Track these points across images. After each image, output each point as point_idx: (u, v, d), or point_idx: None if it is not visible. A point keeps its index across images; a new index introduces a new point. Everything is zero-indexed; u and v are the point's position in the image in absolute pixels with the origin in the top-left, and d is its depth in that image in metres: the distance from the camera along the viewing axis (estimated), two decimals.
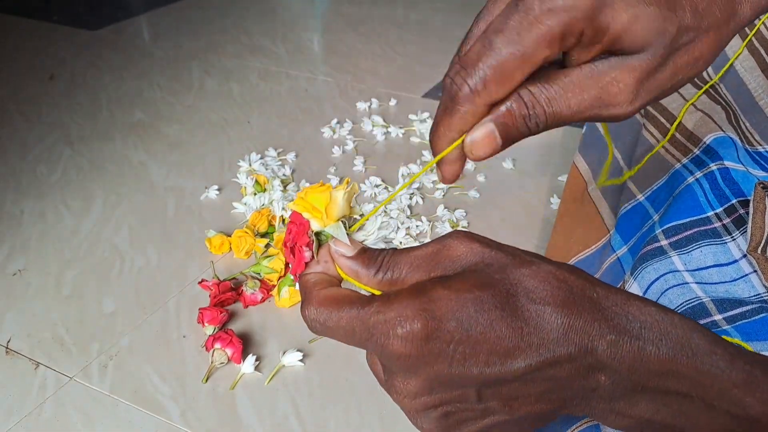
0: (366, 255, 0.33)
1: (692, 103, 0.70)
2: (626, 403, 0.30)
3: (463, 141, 0.32)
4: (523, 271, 0.30)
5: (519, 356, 0.28)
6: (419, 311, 0.29)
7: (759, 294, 0.50)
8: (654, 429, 0.31)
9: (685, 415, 0.30)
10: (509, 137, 0.32)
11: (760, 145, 0.65)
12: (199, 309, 0.79)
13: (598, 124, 0.71)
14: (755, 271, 0.51)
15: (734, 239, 0.54)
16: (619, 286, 0.60)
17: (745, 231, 0.53)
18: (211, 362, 0.74)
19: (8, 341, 0.79)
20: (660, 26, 0.30)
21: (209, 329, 0.78)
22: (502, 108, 0.31)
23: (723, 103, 0.68)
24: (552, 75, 0.31)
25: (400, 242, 0.92)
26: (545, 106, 0.31)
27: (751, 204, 0.51)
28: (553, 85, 0.31)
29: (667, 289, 0.53)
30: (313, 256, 0.36)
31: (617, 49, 0.31)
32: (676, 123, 0.71)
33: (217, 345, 0.74)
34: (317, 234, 0.36)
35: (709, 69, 0.71)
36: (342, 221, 0.37)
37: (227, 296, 0.82)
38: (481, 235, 0.32)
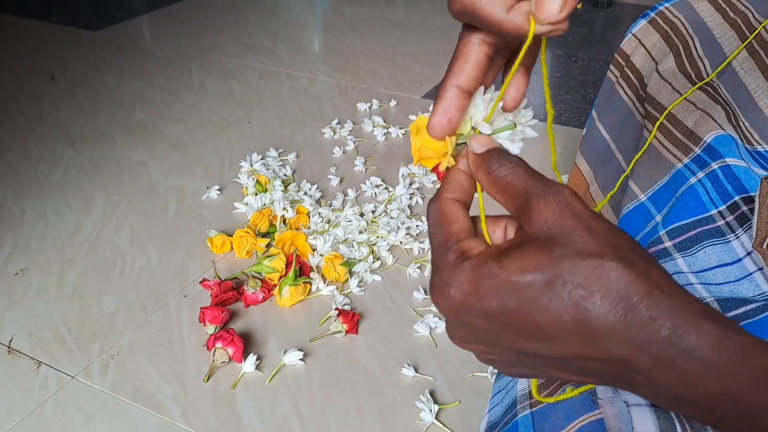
0: (493, 152, 0.35)
1: (687, 99, 0.70)
2: (666, 400, 0.30)
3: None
4: (587, 265, 0.29)
5: (555, 344, 0.30)
6: (466, 282, 0.31)
7: (764, 292, 0.50)
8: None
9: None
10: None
11: (760, 144, 0.65)
12: (201, 308, 0.80)
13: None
14: (760, 268, 0.51)
15: (738, 237, 0.54)
16: None
17: (749, 228, 0.53)
18: (213, 361, 0.74)
19: (10, 341, 0.79)
20: None
21: (210, 329, 0.78)
22: None
23: (723, 102, 0.68)
24: None
25: (401, 242, 0.92)
26: None
27: (756, 199, 0.51)
28: None
29: None
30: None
31: None
32: (665, 113, 0.71)
33: (219, 344, 0.74)
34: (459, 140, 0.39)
35: (707, 66, 0.71)
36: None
37: (228, 296, 0.82)
38: (581, 203, 0.32)
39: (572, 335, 0.29)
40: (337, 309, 0.81)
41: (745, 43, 0.65)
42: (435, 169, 0.39)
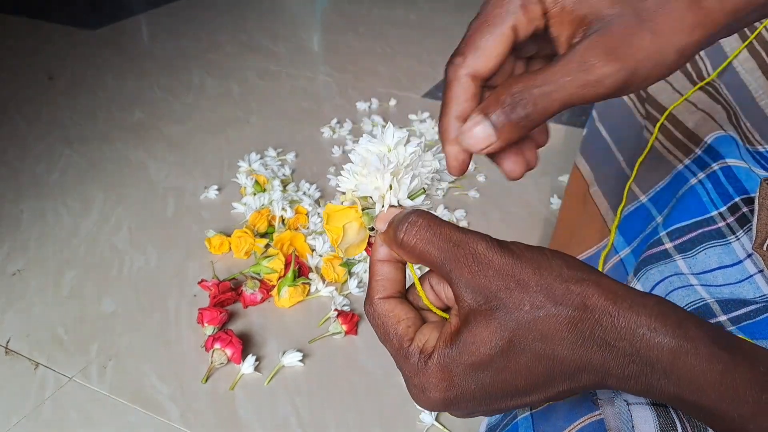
0: (397, 223, 0.35)
1: (687, 99, 0.70)
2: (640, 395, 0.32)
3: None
4: (531, 319, 0.31)
5: (537, 393, 0.32)
6: (439, 381, 0.33)
7: (764, 294, 0.49)
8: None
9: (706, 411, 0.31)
10: (502, 131, 0.32)
11: (761, 144, 0.65)
12: (199, 309, 0.79)
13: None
14: (760, 271, 0.51)
15: (738, 239, 0.54)
16: None
17: (749, 230, 0.53)
18: (211, 362, 0.73)
19: (8, 341, 0.79)
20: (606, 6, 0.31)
21: (209, 329, 0.77)
22: (489, 95, 0.33)
23: (723, 102, 0.68)
24: (538, 68, 0.33)
25: None
26: (529, 93, 0.31)
27: (756, 200, 0.51)
28: (538, 73, 0.32)
29: (671, 291, 0.53)
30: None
31: (586, 28, 0.32)
32: (666, 114, 0.70)
33: (217, 345, 0.74)
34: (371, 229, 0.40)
35: (708, 66, 0.71)
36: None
37: (227, 296, 0.82)
38: (499, 251, 0.32)
39: (549, 381, 0.31)
40: (336, 310, 0.81)
41: (746, 43, 0.65)
42: (368, 249, 0.40)
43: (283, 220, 0.96)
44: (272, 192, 1.01)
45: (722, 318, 0.48)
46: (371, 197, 0.39)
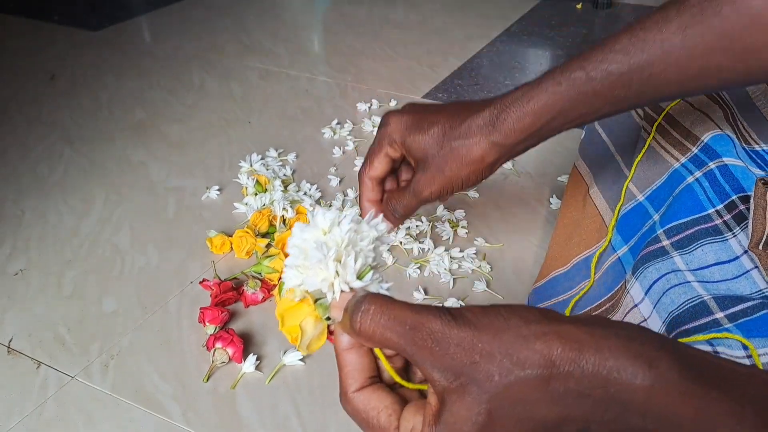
0: (350, 312, 0.36)
1: (684, 99, 0.70)
2: None
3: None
4: (504, 390, 0.31)
5: None
6: None
7: (761, 290, 0.50)
8: None
9: None
10: (392, 223, 0.65)
11: (757, 144, 0.65)
12: (200, 309, 0.80)
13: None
14: (756, 266, 0.51)
15: (735, 235, 0.54)
16: (620, 285, 0.61)
17: (746, 226, 0.53)
18: (212, 362, 0.74)
19: (10, 341, 0.79)
20: (429, 149, 0.60)
21: (210, 329, 0.78)
22: (385, 196, 0.65)
23: (721, 101, 0.68)
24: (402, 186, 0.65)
25: (401, 242, 0.92)
26: (397, 204, 0.63)
27: (751, 200, 0.52)
28: (402, 191, 0.63)
29: (668, 289, 0.53)
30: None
31: (417, 163, 0.60)
32: (663, 113, 0.71)
33: (218, 344, 0.74)
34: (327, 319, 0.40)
35: None
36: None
37: (228, 296, 0.83)
38: (457, 326, 0.33)
39: None
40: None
41: None
42: (329, 338, 0.39)
43: (284, 220, 0.96)
44: (273, 192, 1.01)
45: (719, 315, 0.48)
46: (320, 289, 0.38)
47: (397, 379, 0.36)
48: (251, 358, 0.74)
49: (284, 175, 1.09)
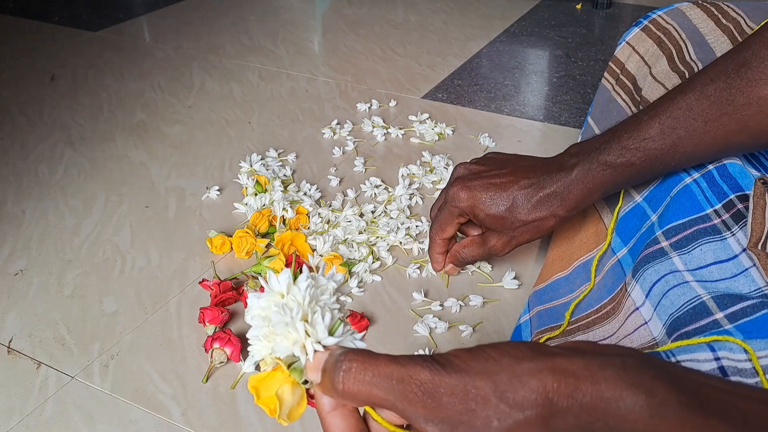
0: (327, 374, 0.35)
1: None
2: None
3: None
4: (502, 429, 0.30)
5: None
6: None
7: (759, 288, 0.50)
8: None
9: None
10: (457, 264, 0.80)
11: None
12: (200, 309, 0.80)
13: None
14: (755, 265, 0.51)
15: (734, 234, 0.54)
16: (620, 288, 0.61)
17: (745, 225, 0.53)
18: (211, 362, 0.74)
19: (10, 341, 0.80)
20: (505, 223, 0.70)
21: (210, 329, 0.78)
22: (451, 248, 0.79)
23: None
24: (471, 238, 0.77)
25: (400, 242, 0.92)
26: (462, 253, 0.77)
27: (750, 200, 0.52)
28: (468, 244, 0.76)
29: (668, 291, 0.53)
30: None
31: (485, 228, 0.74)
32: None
33: (216, 344, 0.74)
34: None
35: (700, 68, 0.71)
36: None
37: (228, 296, 0.83)
38: (441, 371, 0.32)
39: None
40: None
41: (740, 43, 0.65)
42: (310, 402, 0.39)
43: (284, 221, 0.96)
44: (273, 192, 1.01)
45: (719, 315, 0.48)
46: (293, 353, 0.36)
47: (391, 429, 0.34)
48: (251, 358, 0.74)
49: (284, 175, 1.09)
